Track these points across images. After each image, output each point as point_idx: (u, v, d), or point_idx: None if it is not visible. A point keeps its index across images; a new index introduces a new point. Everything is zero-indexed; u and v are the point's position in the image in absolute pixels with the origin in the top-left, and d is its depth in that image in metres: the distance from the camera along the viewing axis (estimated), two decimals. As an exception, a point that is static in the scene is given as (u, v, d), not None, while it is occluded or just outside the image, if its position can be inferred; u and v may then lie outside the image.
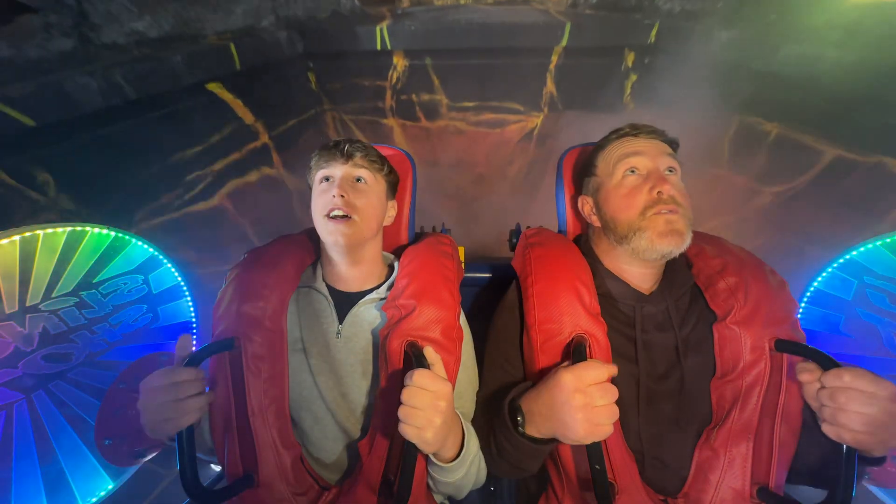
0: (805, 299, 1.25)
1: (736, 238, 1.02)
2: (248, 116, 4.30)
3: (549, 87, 5.08)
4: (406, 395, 0.71)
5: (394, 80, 5.11)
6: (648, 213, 0.87)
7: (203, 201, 3.61)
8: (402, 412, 0.71)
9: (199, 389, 0.79)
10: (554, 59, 4.99)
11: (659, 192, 0.87)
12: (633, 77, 4.92)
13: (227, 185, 3.82)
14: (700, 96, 3.85)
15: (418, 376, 0.72)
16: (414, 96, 5.13)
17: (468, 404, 0.99)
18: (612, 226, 0.94)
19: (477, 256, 1.43)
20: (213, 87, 4.02)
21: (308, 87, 5.04)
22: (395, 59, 5.05)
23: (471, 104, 5.10)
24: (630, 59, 4.90)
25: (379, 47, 4.95)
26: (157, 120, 3.45)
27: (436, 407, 0.71)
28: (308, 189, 1.04)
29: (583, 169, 1.06)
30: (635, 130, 0.96)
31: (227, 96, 4.13)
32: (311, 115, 4.96)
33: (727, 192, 3.49)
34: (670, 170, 0.91)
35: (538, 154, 4.88)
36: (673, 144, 0.96)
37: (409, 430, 0.70)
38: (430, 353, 0.81)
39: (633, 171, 0.92)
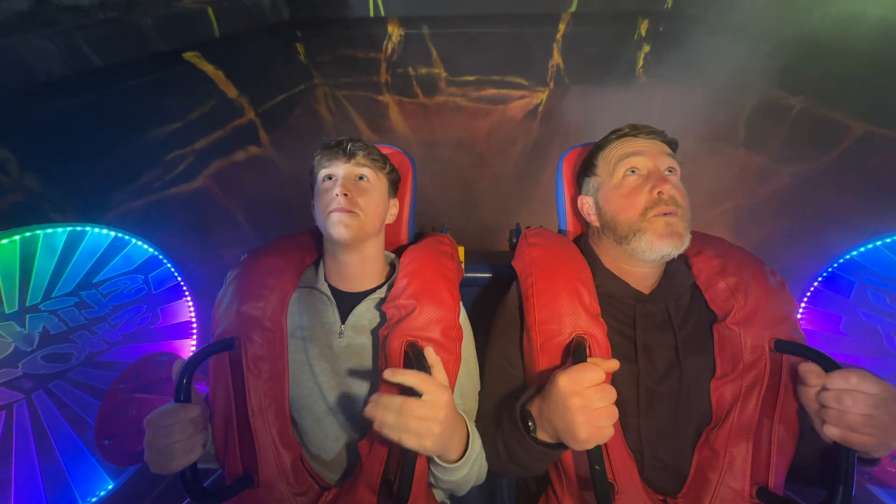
0: (805, 299, 1.29)
1: (751, 221, 1.05)
2: (231, 90, 4.17)
3: (556, 58, 4.97)
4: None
5: (389, 52, 4.99)
6: (649, 215, 0.92)
7: (186, 183, 3.52)
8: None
9: (203, 427, 0.83)
10: (562, 27, 4.86)
11: (659, 192, 0.92)
12: (647, 48, 4.81)
13: (211, 165, 3.75)
14: (720, 68, 3.77)
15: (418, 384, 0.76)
16: (411, 69, 4.98)
17: (470, 402, 1.04)
18: (612, 226, 0.99)
19: (477, 246, 1.46)
20: (191, 56, 3.88)
21: (297, 59, 4.90)
22: (389, 28, 4.91)
23: (471, 78, 4.95)
24: (644, 27, 4.80)
25: (372, 13, 4.78)
26: (128, 91, 3.27)
27: (435, 417, 0.75)
28: (301, 172, 1.09)
29: (583, 169, 1.11)
30: (635, 131, 1.01)
31: (206, 67, 3.99)
32: (300, 89, 4.84)
33: (743, 173, 3.44)
34: (670, 170, 0.97)
35: (543, 133, 4.79)
36: (672, 145, 1.01)
37: (408, 438, 0.74)
38: (430, 354, 0.85)
39: (633, 171, 0.97)
